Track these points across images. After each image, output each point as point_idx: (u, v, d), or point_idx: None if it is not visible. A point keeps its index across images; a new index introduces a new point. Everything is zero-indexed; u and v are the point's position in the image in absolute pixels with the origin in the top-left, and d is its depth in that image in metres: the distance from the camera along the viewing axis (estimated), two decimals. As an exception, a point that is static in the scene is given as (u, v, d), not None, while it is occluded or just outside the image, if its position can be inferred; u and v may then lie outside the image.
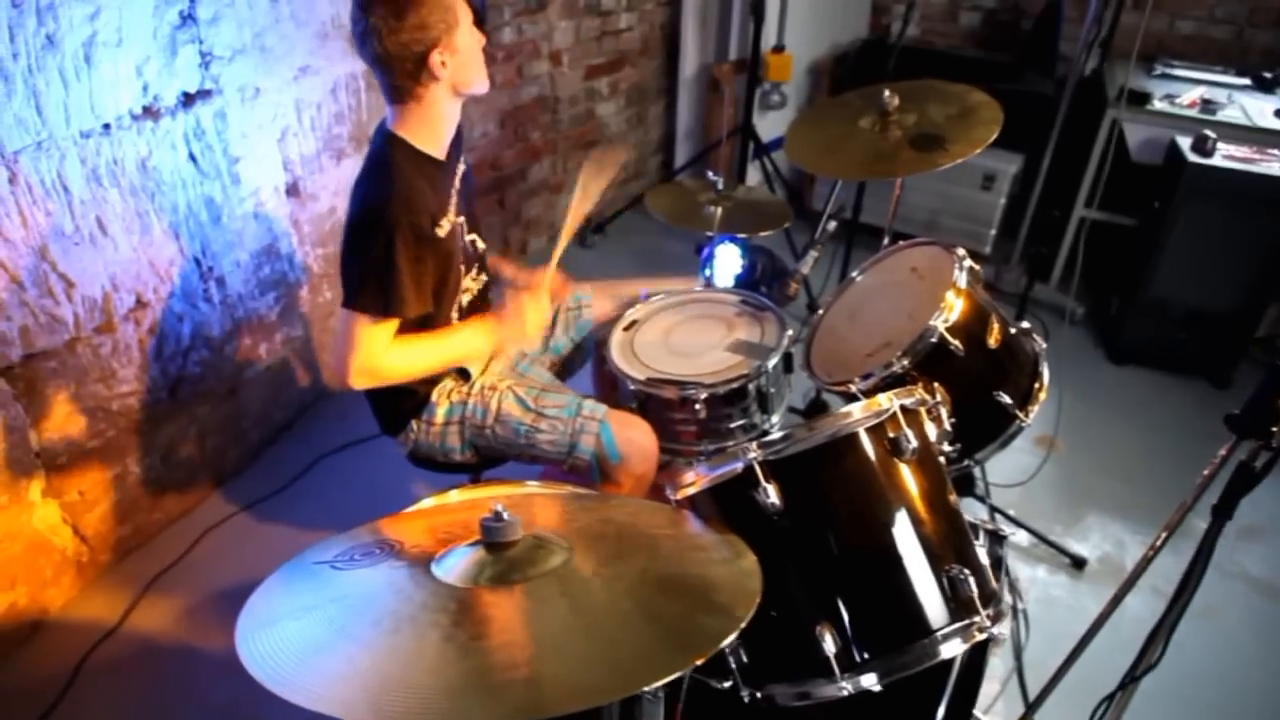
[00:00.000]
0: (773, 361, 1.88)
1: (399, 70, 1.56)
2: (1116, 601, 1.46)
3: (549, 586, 0.94)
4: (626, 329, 2.05)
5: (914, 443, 1.20)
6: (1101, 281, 3.51)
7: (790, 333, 1.96)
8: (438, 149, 1.71)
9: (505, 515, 0.97)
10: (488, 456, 1.90)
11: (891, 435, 1.20)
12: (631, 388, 1.87)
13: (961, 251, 1.65)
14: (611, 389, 2.14)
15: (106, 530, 2.24)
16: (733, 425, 1.92)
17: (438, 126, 1.69)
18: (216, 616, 2.16)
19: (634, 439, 1.80)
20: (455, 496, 1.54)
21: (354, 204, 1.66)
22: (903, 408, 1.22)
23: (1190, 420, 2.96)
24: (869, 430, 1.19)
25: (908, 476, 1.21)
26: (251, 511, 2.47)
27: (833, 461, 1.18)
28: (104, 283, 2.08)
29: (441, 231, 1.67)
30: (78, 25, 1.89)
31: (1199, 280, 3.00)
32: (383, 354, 1.64)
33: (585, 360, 2.19)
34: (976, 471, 2.42)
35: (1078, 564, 2.37)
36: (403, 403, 1.82)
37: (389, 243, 1.55)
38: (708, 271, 3.21)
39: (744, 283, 3.12)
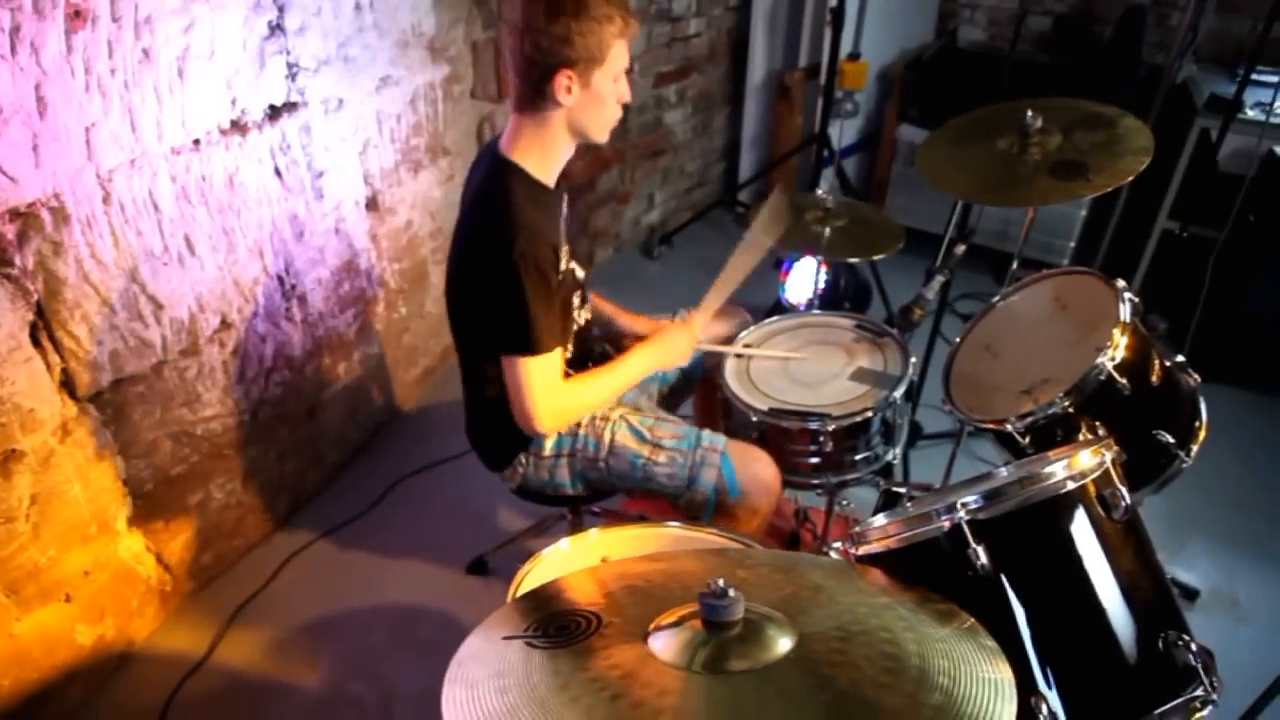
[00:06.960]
0: (899, 391, 1.79)
1: (528, 76, 1.49)
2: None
3: (778, 679, 0.85)
4: (739, 356, 1.96)
5: (1126, 500, 1.11)
6: (1183, 296, 3.39)
7: (914, 360, 1.87)
8: (548, 177, 1.62)
9: (730, 592, 0.88)
10: (598, 490, 1.82)
11: (1103, 491, 1.11)
12: (754, 419, 1.78)
13: (1122, 283, 1.55)
14: (716, 417, 2.06)
15: (189, 558, 2.17)
16: (856, 458, 1.83)
17: (551, 156, 1.60)
18: (305, 651, 2.08)
19: (757, 474, 1.71)
20: (594, 536, 1.45)
21: (474, 240, 1.59)
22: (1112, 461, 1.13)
23: (1287, 440, 2.85)
24: (1083, 487, 1.09)
25: (1120, 535, 1.11)
26: (332, 538, 2.39)
27: (1046, 521, 1.08)
28: (190, 304, 2.01)
29: (563, 263, 1.59)
30: (173, 39, 1.81)
31: (1297, 296, 2.89)
32: (564, 390, 1.61)
33: (693, 389, 2.10)
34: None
35: (1189, 595, 2.26)
36: (510, 437, 1.73)
37: (524, 278, 1.48)
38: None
39: (826, 300, 3.03)
